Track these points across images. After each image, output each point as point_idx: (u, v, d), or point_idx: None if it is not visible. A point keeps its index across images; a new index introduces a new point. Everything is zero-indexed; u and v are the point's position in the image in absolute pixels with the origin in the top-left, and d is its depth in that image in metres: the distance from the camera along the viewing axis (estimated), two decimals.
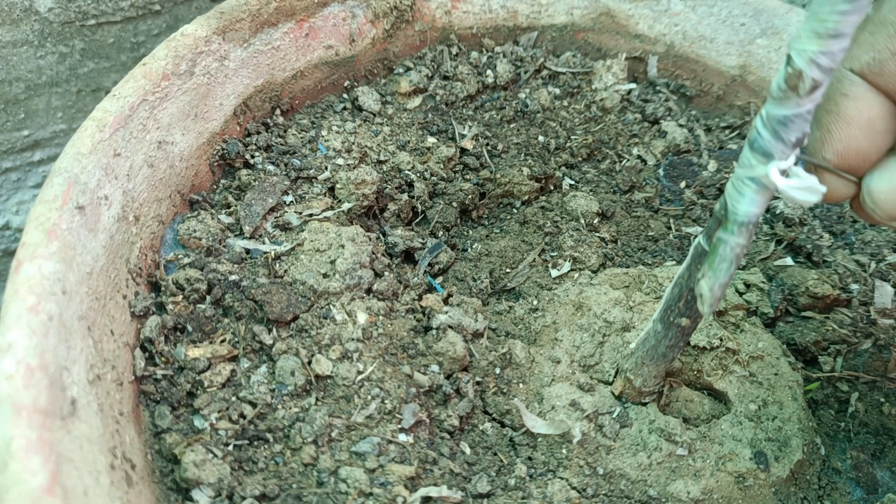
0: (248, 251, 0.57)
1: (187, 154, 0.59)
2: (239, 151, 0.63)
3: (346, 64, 0.73)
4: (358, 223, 0.63)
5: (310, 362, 0.51)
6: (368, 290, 0.57)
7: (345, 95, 0.73)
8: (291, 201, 0.61)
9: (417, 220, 0.68)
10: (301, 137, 0.67)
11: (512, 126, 0.75)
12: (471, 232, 0.70)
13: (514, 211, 0.71)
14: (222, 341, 0.52)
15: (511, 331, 0.60)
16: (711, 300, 0.43)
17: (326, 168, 0.64)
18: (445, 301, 0.60)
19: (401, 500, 0.47)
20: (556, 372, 0.57)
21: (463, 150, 0.71)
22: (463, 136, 0.72)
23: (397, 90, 0.73)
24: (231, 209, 0.60)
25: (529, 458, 0.53)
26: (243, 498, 0.45)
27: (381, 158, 0.67)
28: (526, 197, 0.71)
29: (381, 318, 0.55)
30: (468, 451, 0.53)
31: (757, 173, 0.39)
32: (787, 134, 0.38)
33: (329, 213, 0.61)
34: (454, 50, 0.78)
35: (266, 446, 0.48)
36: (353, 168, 0.64)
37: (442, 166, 0.69)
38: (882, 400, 0.60)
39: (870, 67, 0.38)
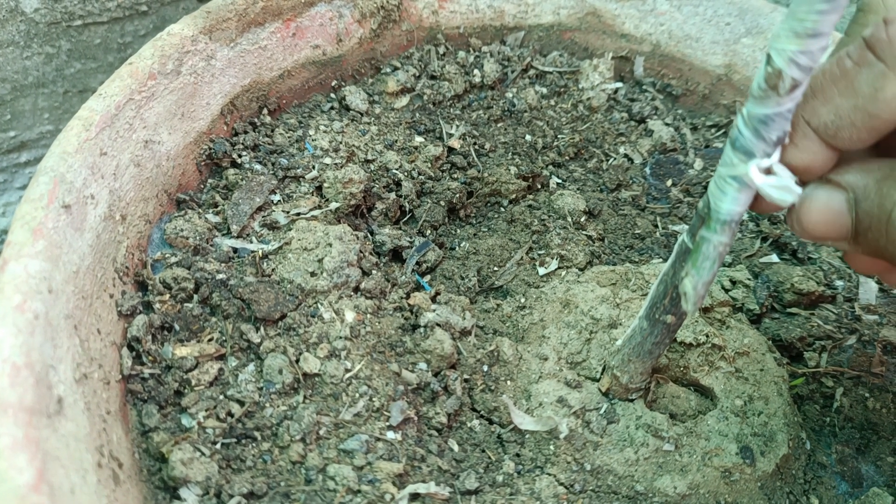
0: (235, 250, 0.57)
1: (174, 153, 0.59)
2: (226, 151, 0.63)
3: (334, 63, 0.73)
4: (345, 222, 0.63)
5: (297, 360, 0.51)
6: (356, 289, 0.57)
7: (332, 95, 0.73)
8: (279, 200, 0.62)
9: (405, 218, 0.68)
10: (288, 137, 0.67)
11: (499, 125, 0.75)
12: (458, 230, 0.70)
13: (502, 209, 0.71)
14: (210, 340, 0.52)
15: (499, 328, 0.61)
16: (695, 298, 0.44)
17: (314, 167, 0.64)
18: (433, 299, 0.60)
19: (389, 497, 0.47)
20: (544, 369, 0.57)
21: (450, 150, 0.71)
22: (450, 136, 0.72)
23: (385, 90, 0.73)
24: (218, 208, 0.60)
25: (517, 455, 0.54)
26: (231, 496, 0.45)
27: (369, 157, 0.67)
28: (513, 195, 0.71)
29: (368, 316, 0.55)
30: (456, 448, 0.53)
31: (739, 172, 0.39)
32: (767, 132, 0.38)
33: (317, 212, 0.61)
34: (441, 49, 0.78)
35: (254, 444, 0.48)
36: (341, 167, 0.64)
37: (429, 165, 0.69)
38: (866, 395, 0.60)
39: (826, 129, 0.38)
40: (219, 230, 0.59)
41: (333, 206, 0.62)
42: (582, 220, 0.70)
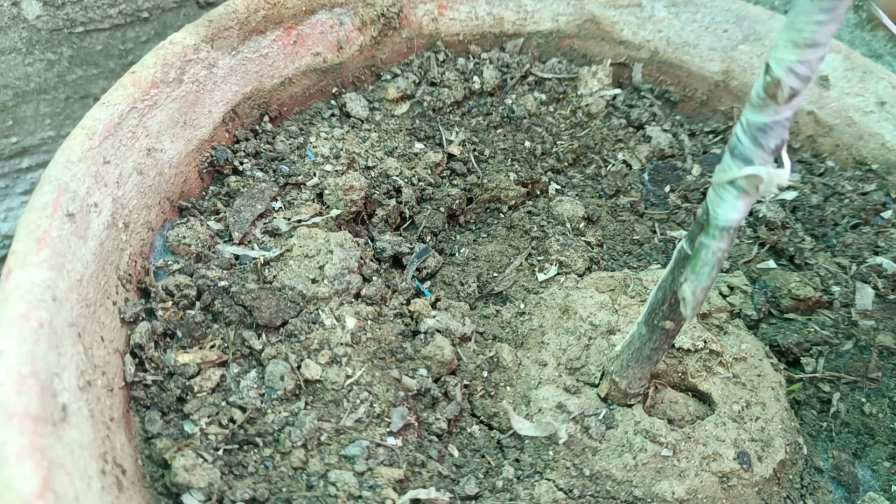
0: (237, 257, 0.58)
1: (176, 161, 0.60)
2: (228, 158, 0.63)
3: (334, 71, 0.73)
4: (346, 229, 0.63)
5: (299, 367, 0.52)
6: (357, 295, 0.58)
7: (333, 102, 0.73)
8: (280, 207, 0.62)
9: (405, 225, 0.68)
10: (289, 144, 0.67)
11: (498, 132, 0.76)
12: (458, 237, 0.71)
13: (501, 216, 0.72)
14: (212, 347, 0.52)
15: (498, 334, 0.61)
16: (694, 304, 0.44)
17: (315, 174, 0.64)
18: (433, 305, 0.60)
19: (389, 502, 0.47)
20: (543, 375, 0.57)
21: (450, 156, 0.72)
22: (450, 142, 0.72)
23: (385, 96, 0.74)
24: (220, 215, 0.61)
25: (517, 460, 0.54)
26: (233, 502, 0.45)
27: (369, 164, 0.67)
28: (513, 202, 0.71)
29: (369, 322, 0.56)
30: (456, 453, 0.53)
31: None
32: (766, 140, 0.38)
33: (318, 219, 0.61)
34: (441, 56, 0.79)
35: (256, 450, 0.49)
36: (342, 174, 0.64)
37: (429, 172, 0.69)
38: (863, 400, 0.61)
39: None
40: (221, 237, 0.59)
41: (334, 212, 0.62)
42: (581, 226, 0.70)
